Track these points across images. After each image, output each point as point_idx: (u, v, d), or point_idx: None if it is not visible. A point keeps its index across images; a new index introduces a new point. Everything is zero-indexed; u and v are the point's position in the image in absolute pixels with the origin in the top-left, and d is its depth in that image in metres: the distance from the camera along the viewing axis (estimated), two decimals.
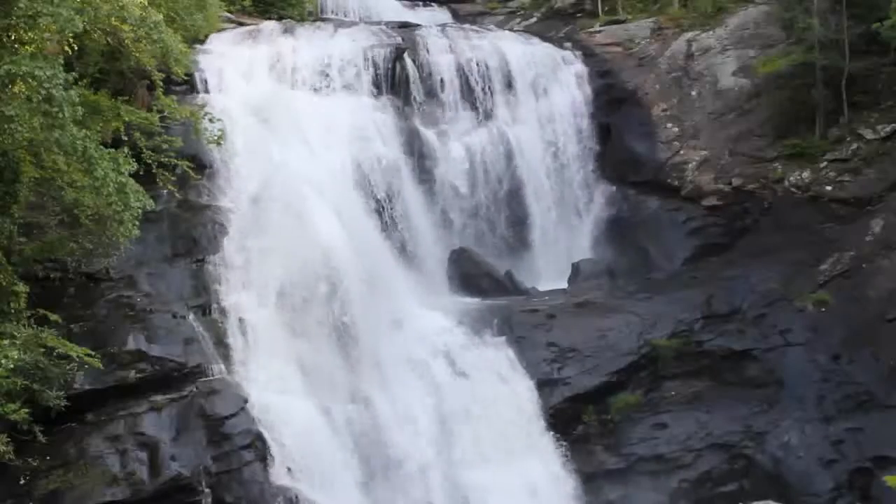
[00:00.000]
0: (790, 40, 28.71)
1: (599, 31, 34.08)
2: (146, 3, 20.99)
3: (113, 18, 19.66)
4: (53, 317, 18.65)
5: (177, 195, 22.69)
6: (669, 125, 30.24)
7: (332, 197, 24.38)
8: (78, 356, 18.27)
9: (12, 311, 17.95)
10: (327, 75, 28.12)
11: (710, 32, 31.76)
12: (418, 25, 32.51)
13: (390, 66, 28.97)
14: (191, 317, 21.39)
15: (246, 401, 20.54)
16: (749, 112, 29.51)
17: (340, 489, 20.66)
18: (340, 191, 25.29)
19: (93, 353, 18.55)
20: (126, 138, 20.82)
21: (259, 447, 20.12)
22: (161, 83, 22.30)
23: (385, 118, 28.06)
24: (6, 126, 16.58)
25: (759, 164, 28.42)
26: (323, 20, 34.78)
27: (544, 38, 33.25)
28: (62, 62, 17.92)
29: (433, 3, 42.85)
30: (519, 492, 22.15)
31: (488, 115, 29.74)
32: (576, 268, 27.99)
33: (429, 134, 28.69)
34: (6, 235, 18.11)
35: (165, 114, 22.31)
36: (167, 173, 21.76)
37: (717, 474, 22.91)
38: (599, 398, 23.65)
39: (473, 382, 23.17)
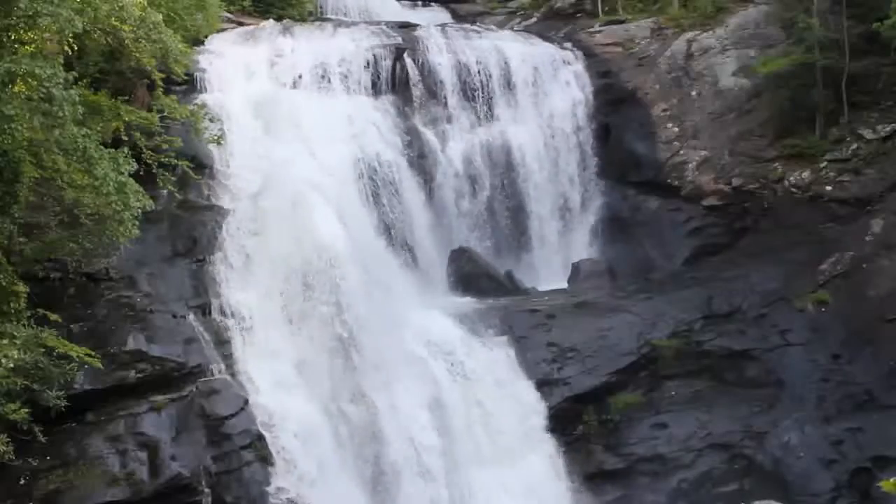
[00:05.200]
0: (790, 40, 28.73)
1: (599, 32, 34.05)
2: (146, 4, 20.97)
3: (113, 18, 19.62)
4: (53, 317, 18.60)
5: (177, 195, 22.67)
6: (669, 125, 30.23)
7: (332, 197, 24.37)
8: (78, 356, 18.23)
9: (12, 311, 17.90)
10: (327, 75, 28.10)
11: (710, 32, 31.75)
12: (418, 25, 32.47)
13: (390, 66, 28.97)
14: (191, 317, 21.37)
15: (246, 401, 20.53)
16: (749, 112, 29.52)
17: (340, 489, 20.64)
18: (340, 191, 25.25)
19: (93, 353, 18.50)
20: (126, 138, 20.79)
21: (259, 447, 20.11)
22: (161, 83, 22.29)
23: (385, 118, 28.06)
24: (6, 126, 16.54)
25: (759, 164, 28.44)
26: (323, 20, 34.75)
27: (544, 38, 33.23)
28: (62, 62, 17.91)
29: (433, 3, 42.82)
30: (519, 492, 22.15)
31: (488, 115, 29.74)
32: (576, 268, 28.00)
33: (429, 134, 28.69)
34: (6, 235, 18.07)
35: (165, 113, 22.30)
36: (167, 173, 21.73)
37: (717, 474, 22.93)
38: (599, 398, 23.66)
39: (473, 382, 23.16)
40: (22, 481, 18.11)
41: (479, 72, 29.83)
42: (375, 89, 28.61)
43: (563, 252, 29.32)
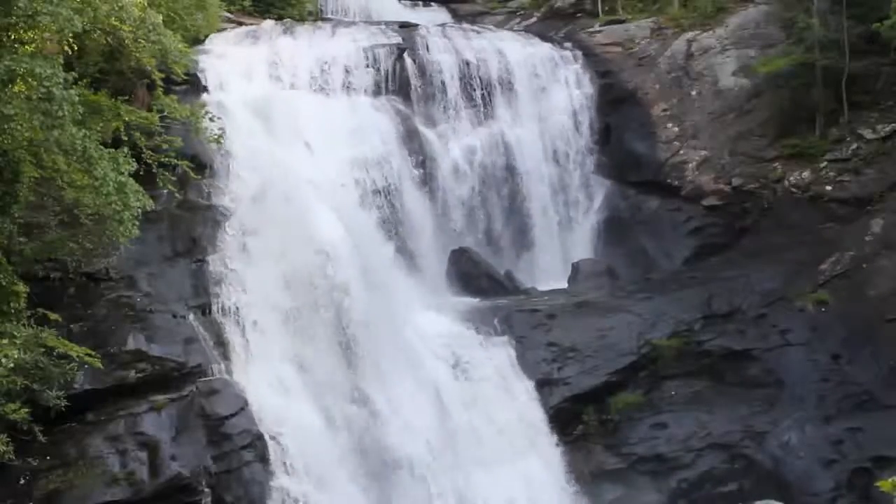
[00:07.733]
0: (790, 40, 28.74)
1: (599, 31, 34.08)
2: (146, 4, 20.96)
3: (113, 18, 19.63)
4: (53, 317, 18.60)
5: (177, 195, 22.64)
6: (669, 125, 30.25)
7: (332, 197, 24.38)
8: (78, 356, 18.23)
9: (12, 311, 17.89)
10: (327, 75, 28.13)
11: (710, 32, 31.79)
12: (418, 25, 32.49)
13: (390, 66, 28.99)
14: (191, 317, 21.35)
15: (246, 401, 20.52)
16: (749, 112, 29.54)
17: (340, 489, 20.63)
18: (340, 191, 25.28)
19: (93, 352, 18.51)
20: (126, 138, 20.75)
21: (259, 447, 20.10)
22: (161, 83, 22.28)
23: (385, 118, 28.07)
24: (6, 125, 16.55)
25: (759, 164, 28.46)
26: (323, 20, 34.82)
27: (544, 38, 33.26)
28: (62, 62, 17.90)
29: (433, 3, 42.82)
30: (519, 492, 22.14)
31: (488, 115, 29.77)
32: (576, 268, 28.00)
33: (429, 134, 28.71)
34: (6, 235, 18.06)
35: (165, 113, 22.27)
36: (167, 173, 21.71)
37: (717, 474, 22.93)
38: (599, 398, 23.66)
39: (473, 382, 23.17)
40: (22, 481, 18.11)
41: (478, 72, 29.86)
42: (375, 89, 28.64)
43: (563, 252, 29.32)
